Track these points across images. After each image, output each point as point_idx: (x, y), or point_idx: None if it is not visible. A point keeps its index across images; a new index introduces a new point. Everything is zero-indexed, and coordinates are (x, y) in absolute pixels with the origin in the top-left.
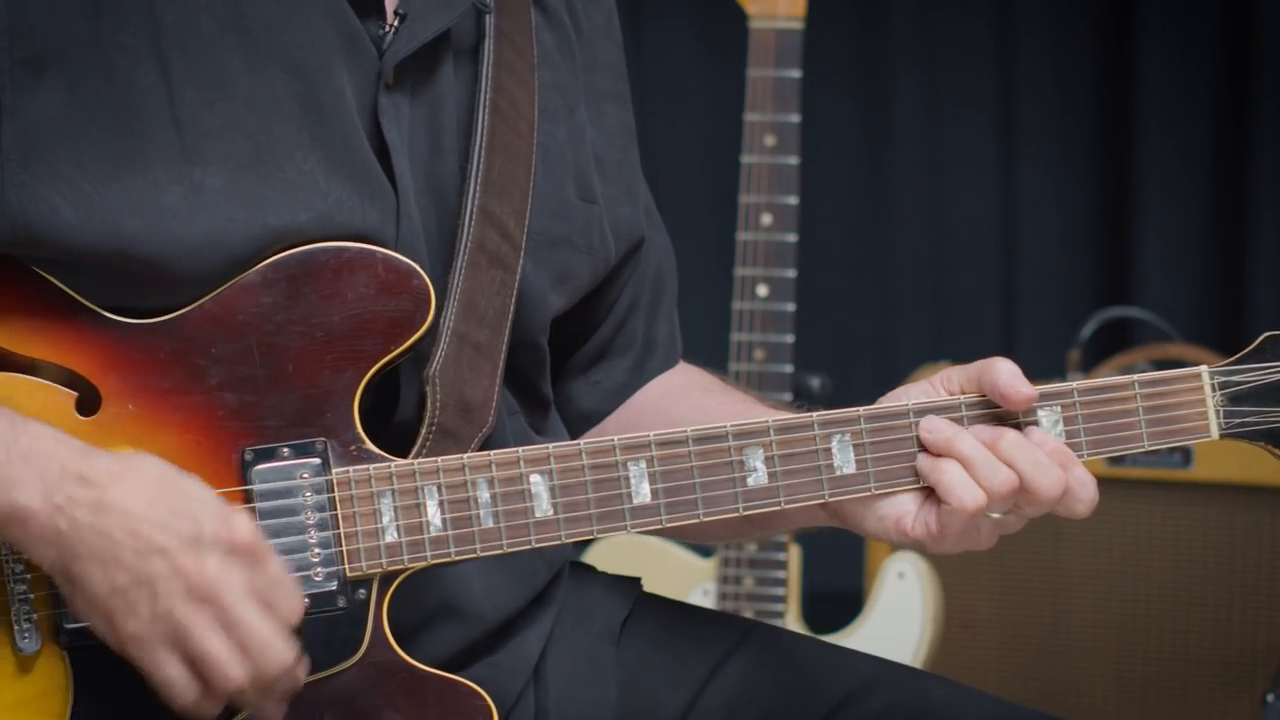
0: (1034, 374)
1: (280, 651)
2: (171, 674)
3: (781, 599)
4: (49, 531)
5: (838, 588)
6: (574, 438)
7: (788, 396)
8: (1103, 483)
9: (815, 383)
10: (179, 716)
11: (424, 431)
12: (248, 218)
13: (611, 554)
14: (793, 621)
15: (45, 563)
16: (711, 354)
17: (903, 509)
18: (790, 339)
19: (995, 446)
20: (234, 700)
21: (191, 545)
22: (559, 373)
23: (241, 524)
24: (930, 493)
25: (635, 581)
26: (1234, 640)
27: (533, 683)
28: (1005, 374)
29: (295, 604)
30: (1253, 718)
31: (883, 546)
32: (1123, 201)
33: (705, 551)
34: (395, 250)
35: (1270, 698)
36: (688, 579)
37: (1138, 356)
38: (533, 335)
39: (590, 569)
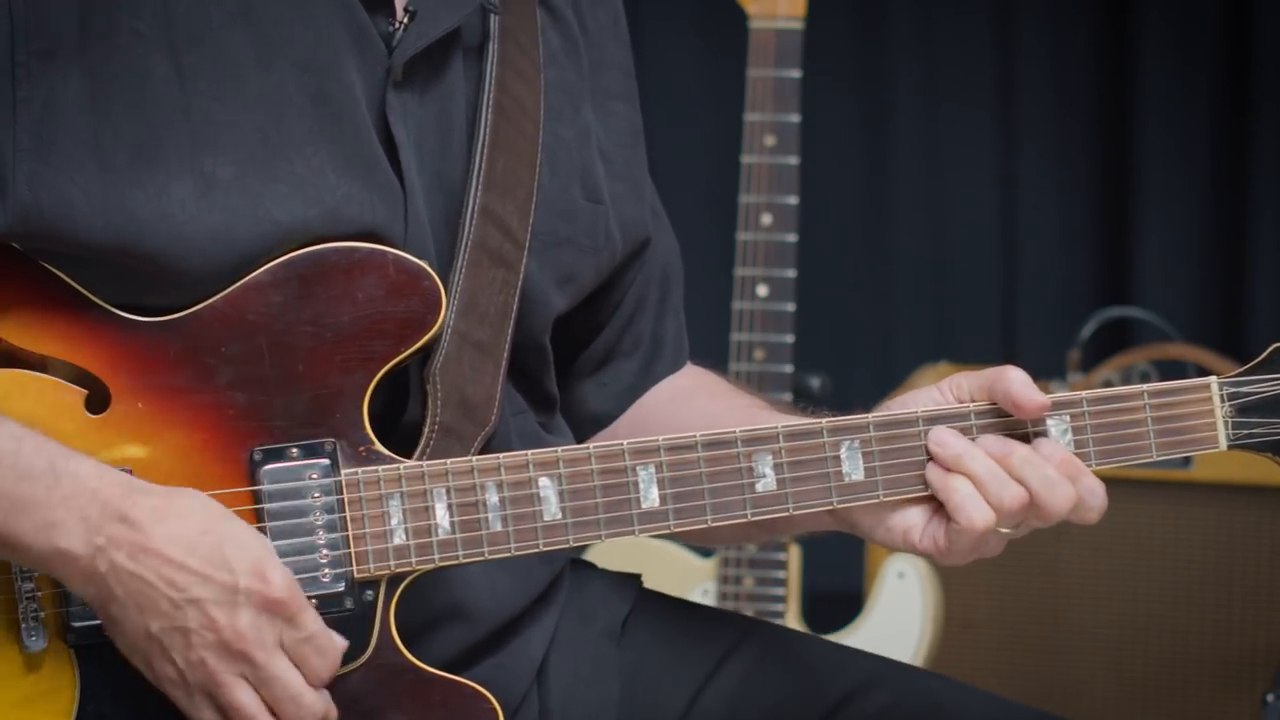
0: (1034, 374)
1: (312, 707)
2: (206, 718)
3: (781, 599)
4: (89, 573)
5: (838, 588)
6: (582, 440)
7: (788, 396)
8: (1104, 483)
9: (815, 383)
10: (185, 717)
11: (426, 430)
12: (256, 210)
13: (612, 553)
14: (793, 621)
15: (88, 599)
16: (711, 354)
17: (910, 522)
18: (790, 339)
19: (1005, 463)
20: None
21: (227, 598)
22: (567, 374)
23: (278, 577)
24: (938, 506)
25: (635, 579)
26: (1234, 640)
27: (536, 684)
28: (1018, 382)
29: (330, 660)
30: (1253, 718)
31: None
32: (1123, 201)
33: (705, 551)
34: (403, 247)
35: (1270, 698)
36: (688, 579)
37: (1138, 356)
38: (537, 335)
39: (590, 566)
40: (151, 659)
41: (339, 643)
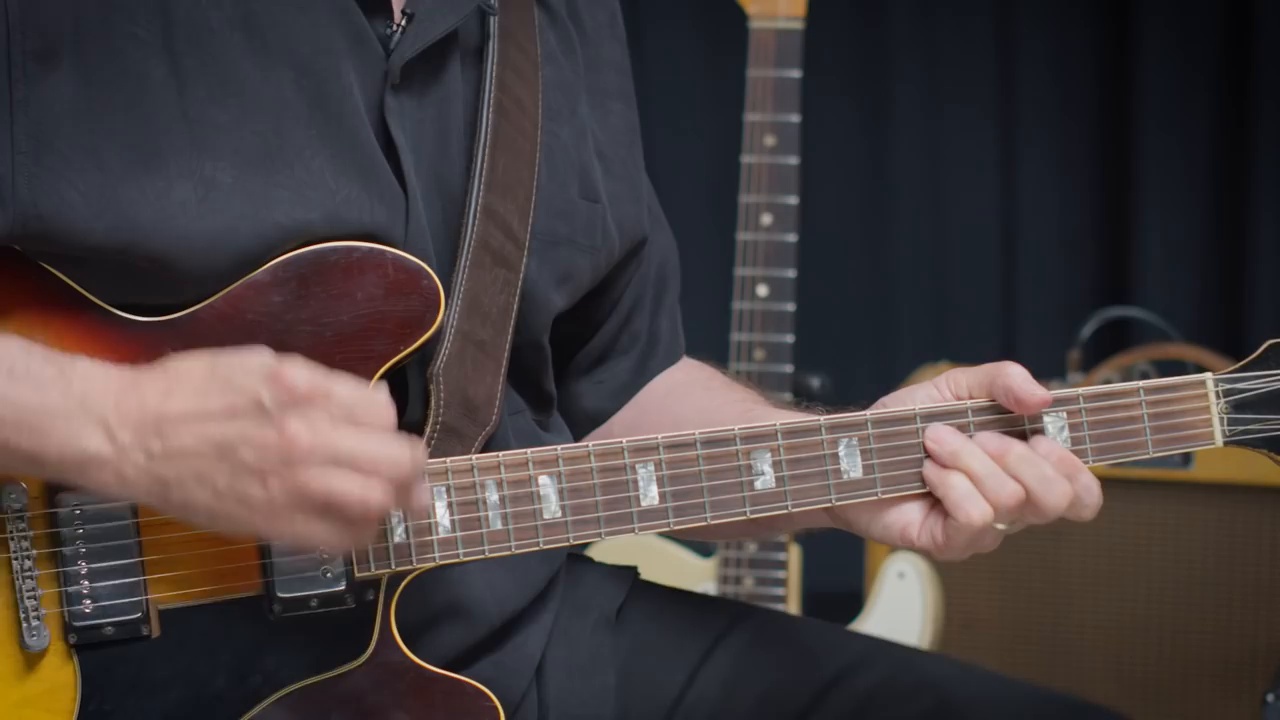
0: (1034, 374)
1: (398, 453)
2: (318, 534)
3: (782, 599)
4: (121, 475)
5: (838, 587)
6: (578, 437)
7: (788, 396)
8: (1103, 483)
9: (815, 383)
10: (187, 713)
11: (428, 430)
12: (256, 214)
13: (612, 553)
14: None
15: (140, 498)
16: (711, 354)
17: (908, 518)
18: (790, 339)
19: (1002, 460)
20: (387, 515)
21: (261, 419)
22: (563, 372)
23: (295, 373)
24: (936, 501)
25: (631, 569)
26: (1234, 640)
27: (535, 681)
28: (1018, 377)
29: (382, 407)
30: (1253, 718)
31: (883, 546)
32: (1123, 201)
33: (705, 551)
34: (403, 249)
35: (1270, 698)
36: (688, 579)
37: (1138, 356)
38: (535, 334)
39: (587, 560)
40: (235, 516)
41: (381, 394)
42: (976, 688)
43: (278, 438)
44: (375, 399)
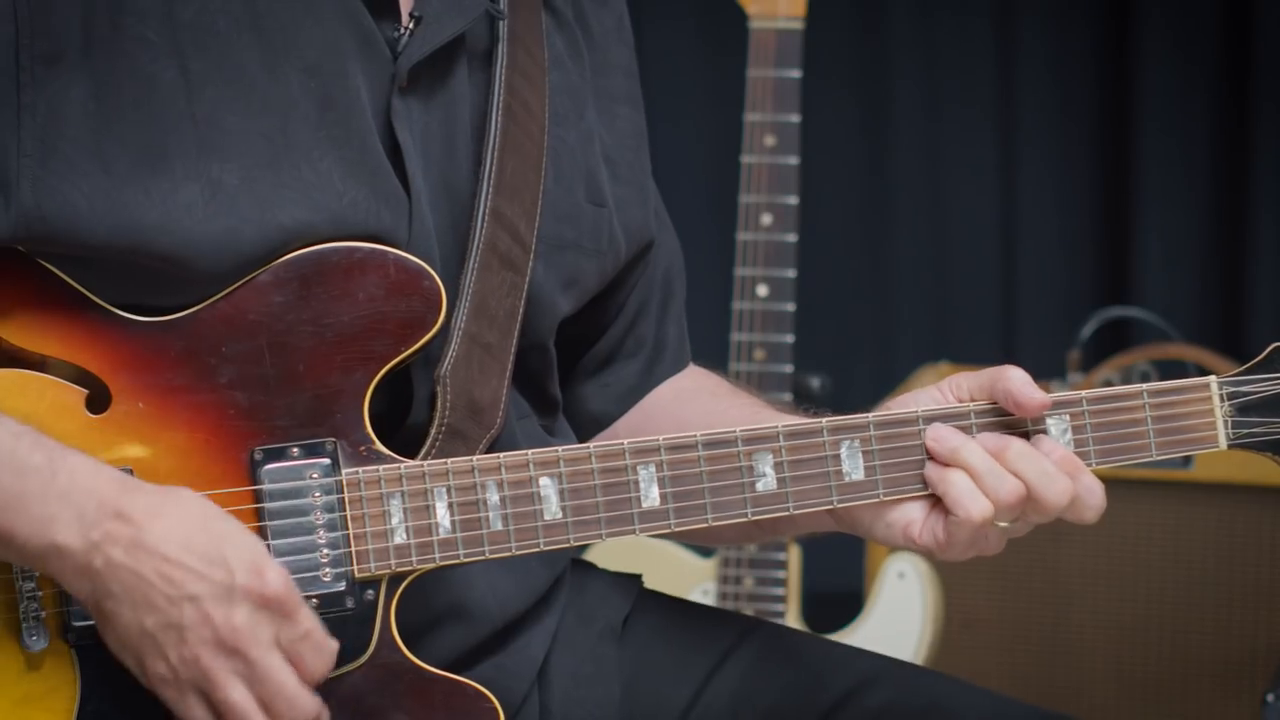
0: (1034, 374)
1: (305, 706)
2: (196, 717)
3: (782, 599)
4: (84, 568)
5: (838, 588)
6: (583, 440)
7: (788, 396)
8: (1103, 483)
9: (815, 383)
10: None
11: (433, 432)
12: (262, 216)
13: (612, 553)
14: (793, 621)
15: (81, 596)
16: (711, 354)
17: (910, 517)
18: (790, 339)
19: (1002, 456)
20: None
21: (223, 595)
22: (568, 375)
23: (274, 576)
24: (938, 500)
25: (636, 579)
26: (1234, 640)
27: (537, 684)
28: (1018, 381)
29: (325, 658)
30: (1253, 718)
31: (883, 547)
32: (1123, 201)
33: (705, 551)
34: (407, 251)
35: (1270, 698)
36: (688, 579)
37: (1138, 356)
38: (541, 338)
39: (591, 566)
40: (144, 656)
41: (333, 643)
42: (984, 711)
43: (222, 619)
44: (328, 642)
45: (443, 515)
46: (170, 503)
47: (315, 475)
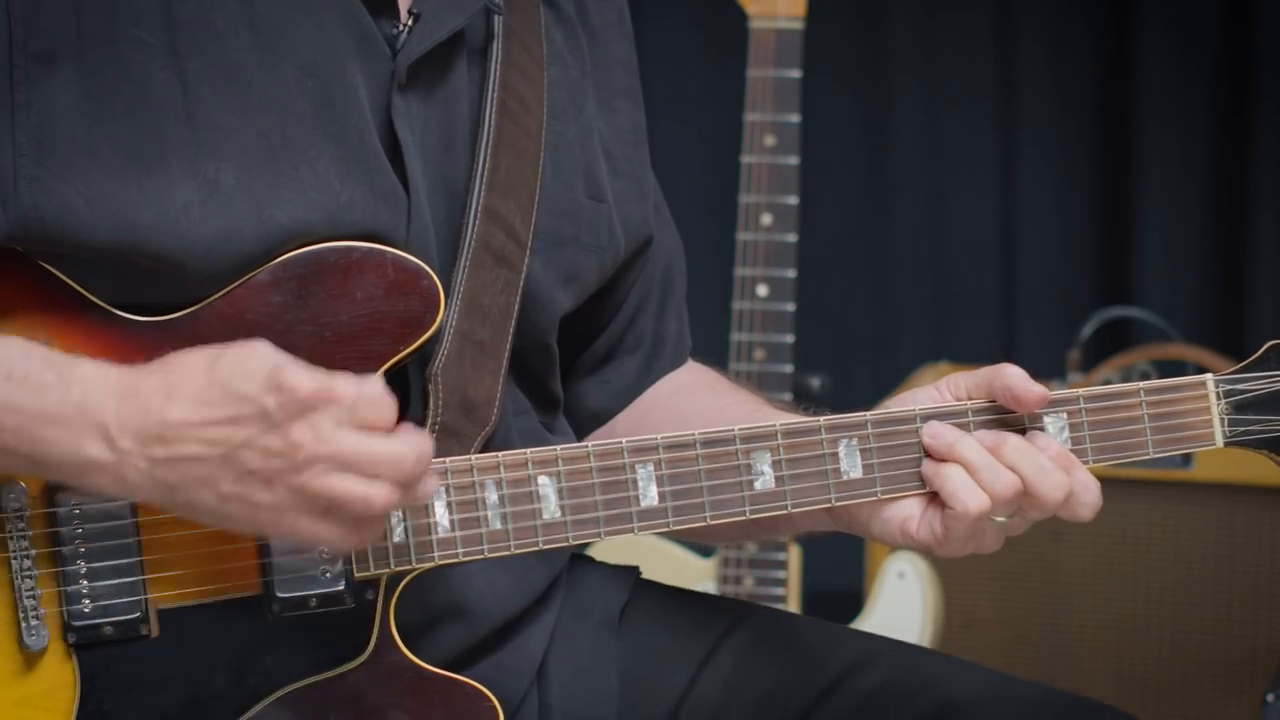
0: (1034, 374)
1: (402, 452)
2: (322, 533)
3: (782, 599)
4: (122, 478)
5: (838, 588)
6: (581, 437)
7: (788, 396)
8: (1103, 483)
9: (815, 383)
10: (186, 712)
11: (426, 430)
12: (260, 216)
13: (612, 553)
14: None
15: (141, 499)
16: (711, 354)
17: (907, 512)
18: (790, 339)
19: (998, 451)
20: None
21: (266, 424)
22: (568, 372)
23: (294, 377)
24: (935, 496)
25: (633, 570)
26: (1234, 640)
27: (536, 682)
28: (1016, 376)
29: (384, 404)
30: (1253, 718)
31: (883, 546)
32: (1123, 201)
33: (705, 551)
34: (405, 250)
35: (1270, 698)
36: (688, 578)
37: (1138, 356)
38: (541, 335)
39: (588, 560)
40: (240, 517)
41: (378, 385)
42: (981, 687)
43: (282, 444)
44: (377, 397)
45: (441, 514)
46: (173, 375)
47: None
